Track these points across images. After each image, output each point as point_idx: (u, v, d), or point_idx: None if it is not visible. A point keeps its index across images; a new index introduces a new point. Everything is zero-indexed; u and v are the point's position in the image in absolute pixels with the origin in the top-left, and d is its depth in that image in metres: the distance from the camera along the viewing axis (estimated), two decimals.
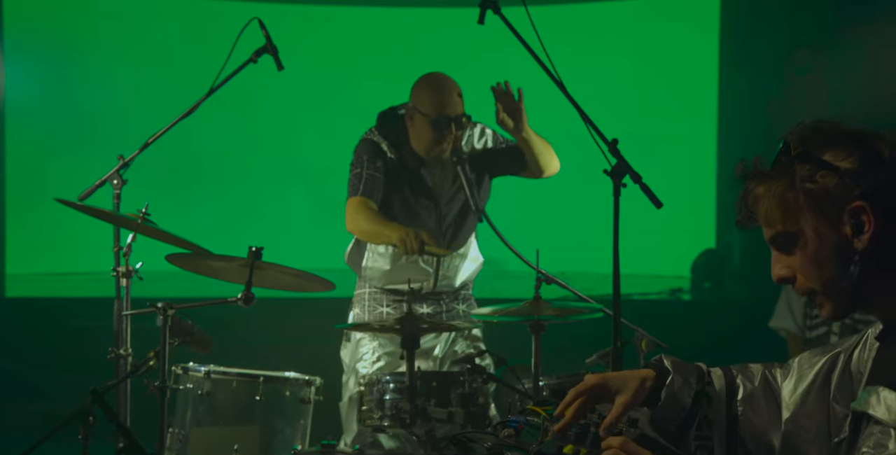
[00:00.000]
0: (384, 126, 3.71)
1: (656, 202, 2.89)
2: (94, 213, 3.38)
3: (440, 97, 3.58)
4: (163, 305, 3.12)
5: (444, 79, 3.65)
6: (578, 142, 3.19)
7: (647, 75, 9.26)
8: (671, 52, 9.23)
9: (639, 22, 9.44)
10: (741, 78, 8.29)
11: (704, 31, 8.92)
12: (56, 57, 8.97)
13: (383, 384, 3.28)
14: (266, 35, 3.56)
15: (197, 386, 3.42)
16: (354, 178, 3.63)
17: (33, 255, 8.89)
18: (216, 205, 9.25)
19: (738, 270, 8.47)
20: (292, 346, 5.20)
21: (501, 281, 5.03)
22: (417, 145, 3.67)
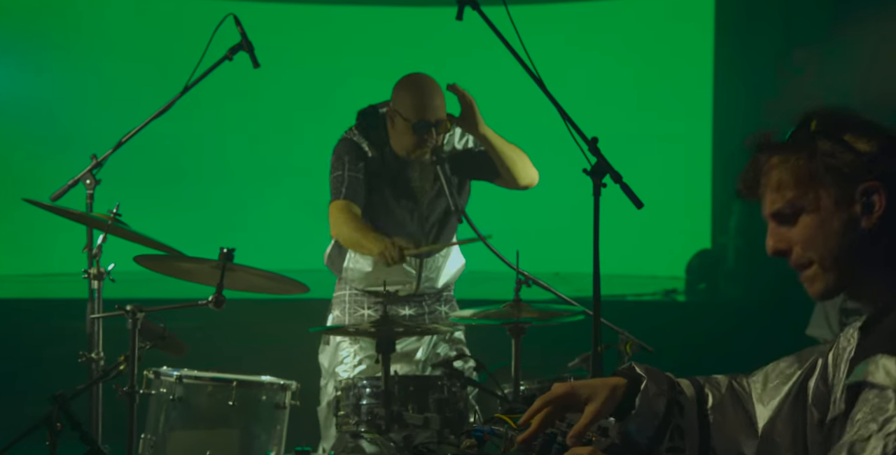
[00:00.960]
0: (364, 125, 3.64)
1: (637, 202, 2.82)
2: (65, 213, 3.31)
3: (421, 101, 3.51)
4: (132, 308, 3.04)
5: (426, 81, 3.58)
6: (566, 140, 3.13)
7: (641, 74, 9.22)
8: (666, 51, 9.20)
9: (633, 20, 9.40)
10: (736, 77, 8.27)
11: (699, 29, 8.89)
12: (33, 56, 8.92)
13: (359, 389, 3.20)
14: (241, 32, 3.49)
15: (169, 391, 3.34)
16: (336, 181, 3.57)
17: (16, 257, 8.84)
18: (192, 205, 9.21)
19: (734, 271, 8.43)
20: (268, 349, 5.12)
21: (485, 283, 4.95)
22: (397, 147, 3.60)
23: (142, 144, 3.72)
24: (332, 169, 3.60)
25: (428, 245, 3.59)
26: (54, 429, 2.97)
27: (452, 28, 3.27)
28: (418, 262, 3.64)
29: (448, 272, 3.76)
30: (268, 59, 3.62)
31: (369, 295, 3.67)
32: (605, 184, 2.84)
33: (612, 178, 2.84)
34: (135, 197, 5.26)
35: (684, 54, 9.10)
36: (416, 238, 3.61)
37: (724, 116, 8.53)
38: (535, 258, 3.72)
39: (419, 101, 3.50)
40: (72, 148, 7.73)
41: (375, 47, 9.18)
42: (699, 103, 8.86)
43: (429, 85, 3.55)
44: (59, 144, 8.55)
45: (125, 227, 3.24)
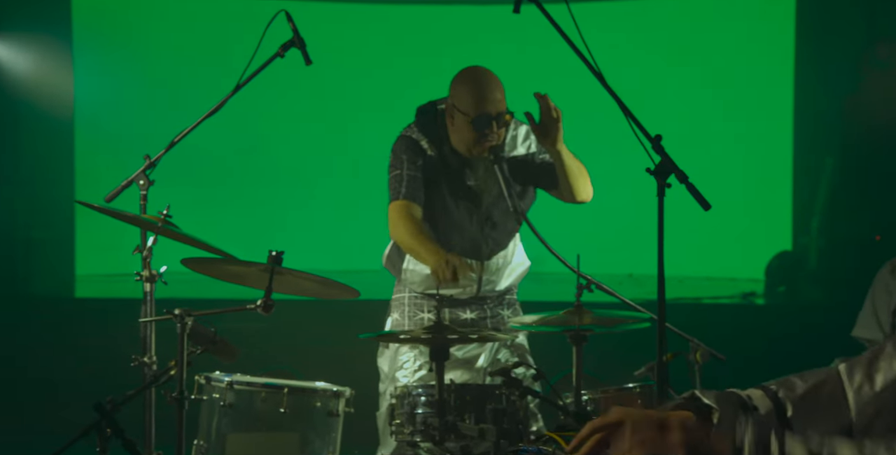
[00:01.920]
0: (423, 123, 3.53)
1: (704, 203, 2.66)
2: (117, 215, 3.25)
3: (480, 94, 3.38)
4: (180, 312, 2.98)
5: (485, 73, 3.45)
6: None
7: (720, 73, 9.03)
8: (745, 49, 9.03)
9: (711, 18, 9.20)
10: (817, 73, 8.07)
11: (779, 25, 8.69)
12: (123, 59, 9.06)
13: (414, 397, 3.09)
14: (293, 28, 3.40)
15: (220, 396, 3.27)
16: (395, 180, 3.46)
17: (103, 256, 8.96)
18: (243, 205, 9.23)
19: (815, 273, 8.20)
20: (324, 352, 5.04)
21: (552, 284, 4.81)
22: (458, 144, 3.48)
23: (195, 144, 3.66)
24: (390, 167, 3.50)
25: (480, 268, 3.45)
26: (104, 434, 2.92)
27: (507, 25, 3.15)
28: (479, 265, 3.51)
29: (511, 274, 3.62)
30: (319, 57, 3.54)
31: (429, 297, 3.55)
32: (669, 184, 2.70)
33: (677, 177, 2.69)
34: (187, 197, 5.26)
35: (764, 52, 8.91)
36: (475, 239, 3.49)
37: (804, 115, 8.32)
38: (607, 259, 3.58)
39: (478, 95, 3.38)
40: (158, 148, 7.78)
41: (428, 45, 9.12)
42: (779, 102, 8.66)
43: (487, 77, 3.43)
44: (145, 145, 8.61)
45: (175, 229, 3.18)
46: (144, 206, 3.45)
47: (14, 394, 6.23)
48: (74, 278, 8.48)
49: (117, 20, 9.11)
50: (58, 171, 8.24)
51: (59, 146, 8.26)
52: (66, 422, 5.69)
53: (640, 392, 3.24)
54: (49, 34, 7.96)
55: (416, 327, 3.50)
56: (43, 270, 8.21)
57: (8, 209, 7.92)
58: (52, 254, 8.23)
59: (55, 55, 7.99)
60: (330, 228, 9.08)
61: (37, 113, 7.91)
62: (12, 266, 8.02)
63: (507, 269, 3.60)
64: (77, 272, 8.49)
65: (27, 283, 8.09)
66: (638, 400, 3.21)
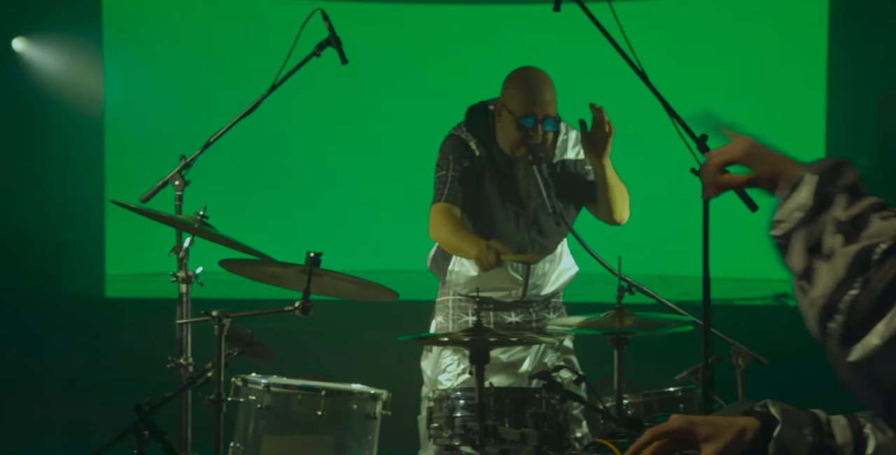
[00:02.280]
0: (473, 122, 3.50)
1: (751, 205, 2.60)
2: (153, 215, 3.24)
3: (529, 94, 3.35)
4: (218, 314, 2.95)
5: (536, 74, 3.42)
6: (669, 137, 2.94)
7: (751, 72, 8.95)
8: (778, 48, 8.95)
9: (743, 16, 9.11)
10: (850, 73, 7.97)
11: (812, 25, 8.59)
12: (152, 60, 9.06)
13: (453, 400, 3.05)
14: (329, 27, 3.37)
15: (257, 399, 3.24)
16: (439, 182, 3.43)
17: (133, 256, 8.98)
18: (280, 205, 9.20)
19: None
20: (363, 354, 5.00)
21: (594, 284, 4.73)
22: (503, 143, 3.44)
23: (230, 144, 3.64)
24: (437, 167, 3.47)
25: (526, 256, 3.41)
26: (142, 437, 2.91)
27: (541, 25, 3.10)
28: (525, 268, 3.47)
29: (558, 279, 3.58)
30: (353, 56, 3.50)
31: (474, 300, 3.50)
32: None
33: None
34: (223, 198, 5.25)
35: (796, 50, 8.84)
36: (521, 242, 3.46)
37: (838, 114, 8.22)
38: (636, 260, 3.53)
39: (526, 95, 3.35)
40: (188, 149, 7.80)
41: (463, 45, 9.07)
42: (811, 101, 8.57)
43: (538, 78, 3.40)
44: (175, 145, 8.61)
45: (212, 230, 3.15)
46: (180, 206, 3.43)
47: (42, 393, 6.25)
48: (104, 278, 8.49)
49: (147, 20, 9.12)
50: (88, 171, 8.27)
51: (89, 146, 8.29)
52: (97, 422, 5.77)
53: (681, 396, 3.18)
54: (79, 35, 7.99)
55: (460, 330, 3.46)
56: (74, 270, 8.24)
57: (40, 211, 7.96)
58: (82, 254, 8.26)
59: (85, 56, 8.02)
60: (366, 229, 9.06)
61: (67, 113, 7.95)
62: (44, 266, 8.05)
63: (553, 274, 3.56)
64: (107, 272, 8.50)
65: (58, 284, 8.12)
66: (680, 404, 3.15)
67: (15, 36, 7.71)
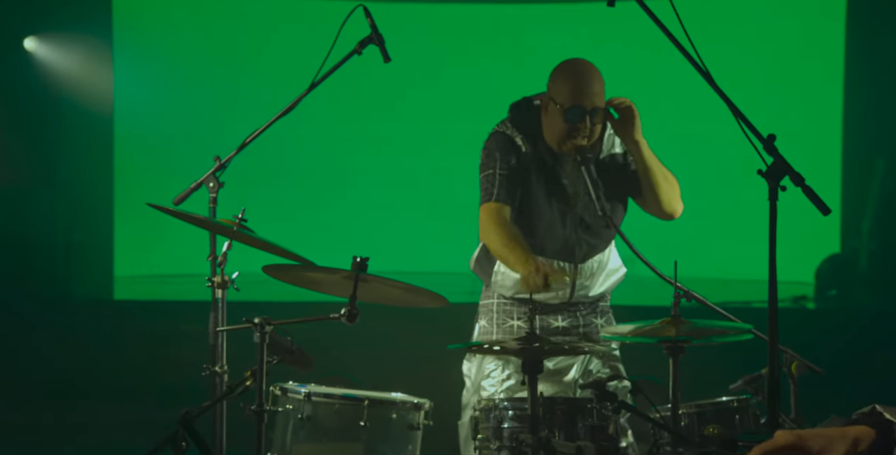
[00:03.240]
0: (518, 118, 3.40)
1: (823, 208, 2.53)
2: (189, 218, 3.14)
3: (577, 86, 3.26)
4: (260, 321, 2.85)
5: (585, 65, 3.33)
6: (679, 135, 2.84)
7: (765, 68, 8.87)
8: (793, 44, 8.89)
9: (760, 14, 9.03)
10: (868, 72, 7.89)
11: (829, 23, 8.50)
12: (162, 60, 8.99)
13: (501, 410, 2.95)
14: (371, 24, 3.27)
15: (297, 408, 3.13)
16: (486, 180, 3.32)
17: (142, 257, 8.91)
18: (318, 207, 9.11)
19: (867, 277, 8.05)
20: (402, 359, 4.89)
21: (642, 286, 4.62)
22: (549, 137, 3.35)
23: (267, 145, 3.54)
24: (482, 167, 3.36)
25: (579, 273, 3.32)
26: (179, 448, 2.81)
27: (591, 23, 3.01)
28: (573, 268, 3.36)
29: (606, 280, 3.47)
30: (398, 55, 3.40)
31: (519, 304, 3.39)
32: (784, 187, 2.56)
33: (792, 180, 2.56)
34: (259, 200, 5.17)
35: (813, 47, 8.74)
36: (568, 241, 3.35)
37: (855, 114, 8.15)
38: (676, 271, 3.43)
39: (574, 86, 3.26)
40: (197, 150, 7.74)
41: (500, 45, 8.97)
42: (828, 99, 8.51)
43: (587, 69, 3.32)
44: (184, 146, 8.58)
45: (251, 234, 3.05)
46: (214, 209, 3.33)
47: (52, 394, 6.17)
48: (113, 280, 8.42)
49: (157, 20, 9.06)
50: (97, 172, 8.24)
51: (98, 147, 8.26)
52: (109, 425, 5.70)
53: (736, 407, 3.08)
54: (90, 34, 7.96)
55: (506, 335, 3.36)
56: (82, 272, 8.18)
57: (48, 211, 7.89)
58: (91, 256, 8.20)
59: (96, 55, 7.98)
60: (401, 230, 8.97)
61: (77, 113, 7.91)
62: (52, 268, 7.98)
63: (601, 275, 3.45)
64: (116, 274, 8.43)
65: (67, 285, 8.06)
66: (735, 415, 3.05)
67: (26, 35, 7.66)
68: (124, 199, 8.45)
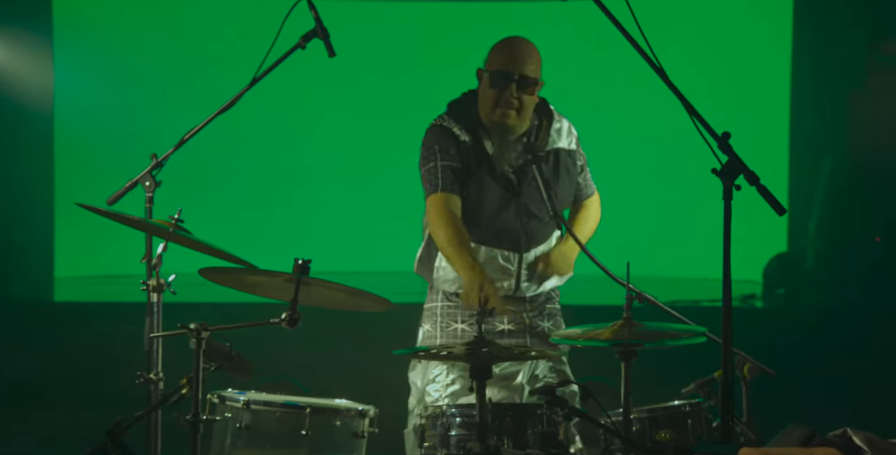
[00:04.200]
0: (456, 109, 3.38)
1: (778, 208, 2.48)
2: (123, 219, 3.01)
3: (508, 54, 3.30)
4: (196, 327, 2.73)
5: (521, 40, 3.38)
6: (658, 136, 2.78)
7: (711, 66, 8.89)
8: (738, 41, 8.85)
9: (703, 8, 9.04)
10: (816, 70, 7.89)
11: (775, 18, 8.47)
12: (104, 57, 8.84)
13: (448, 417, 2.86)
14: (316, 17, 3.16)
15: (235, 417, 3.02)
16: (429, 173, 3.29)
17: (83, 258, 8.73)
18: (260, 207, 8.96)
19: (814, 276, 8.10)
20: (345, 362, 4.76)
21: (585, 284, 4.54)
22: (482, 112, 3.33)
23: (206, 143, 3.42)
24: (422, 161, 3.32)
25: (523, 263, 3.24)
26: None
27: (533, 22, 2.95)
28: (517, 257, 3.29)
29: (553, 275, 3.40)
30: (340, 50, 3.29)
31: (462, 308, 3.29)
32: (738, 186, 2.50)
33: (746, 179, 2.51)
34: (197, 199, 5.04)
35: (759, 44, 8.73)
36: (513, 230, 3.30)
37: (802, 112, 8.19)
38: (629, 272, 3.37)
39: (504, 53, 3.30)
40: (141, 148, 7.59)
41: (448, 43, 8.87)
42: (775, 98, 8.53)
43: (522, 42, 3.35)
44: (127, 144, 8.41)
45: (188, 236, 2.93)
46: (150, 209, 3.20)
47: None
48: (53, 281, 8.24)
49: (101, 14, 8.88)
50: (37, 170, 8.05)
51: (38, 145, 8.05)
52: (44, 432, 5.54)
53: (689, 411, 3.02)
54: (28, 29, 7.74)
55: (450, 339, 3.29)
56: (21, 273, 7.98)
57: None
58: (30, 256, 8.01)
59: (34, 51, 7.78)
60: (348, 229, 8.85)
61: (16, 111, 7.72)
62: None
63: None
64: (56, 275, 8.24)
65: (4, 286, 7.85)
66: (688, 420, 2.99)
67: None
68: (65, 199, 8.26)
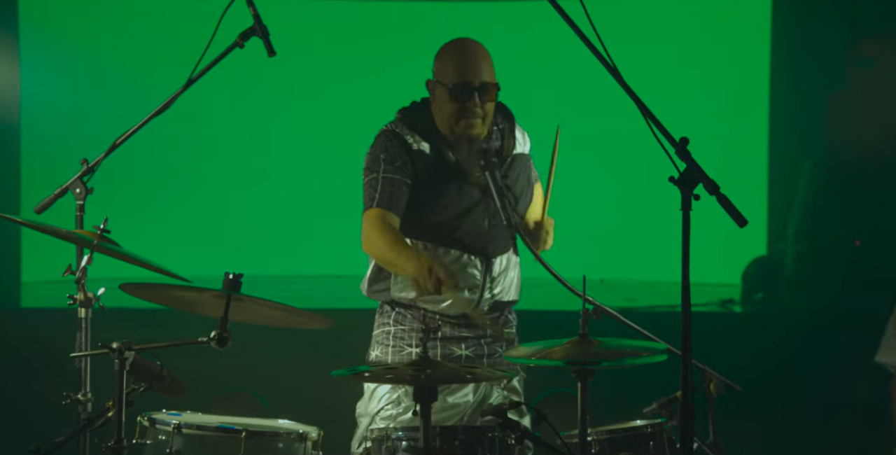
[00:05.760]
0: (408, 116, 3.18)
1: (739, 219, 2.33)
2: (46, 230, 2.83)
3: (461, 62, 3.09)
4: (118, 346, 2.54)
5: (470, 43, 3.17)
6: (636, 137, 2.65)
7: (689, 67, 8.79)
8: (716, 43, 8.77)
9: (681, 11, 8.94)
10: (795, 72, 7.80)
11: (754, 19, 8.37)
12: (71, 61, 8.63)
13: (394, 441, 2.69)
14: (255, 14, 3.00)
15: (167, 441, 2.83)
16: (369, 186, 3.08)
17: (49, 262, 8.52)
18: (196, 215, 8.77)
19: (793, 280, 8.03)
20: (288, 382, 4.54)
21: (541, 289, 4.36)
22: (442, 125, 3.14)
23: (140, 147, 3.25)
24: (365, 170, 3.12)
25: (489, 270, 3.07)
26: None
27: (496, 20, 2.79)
28: (484, 263, 3.11)
29: (514, 283, 3.22)
30: (282, 49, 3.12)
31: (416, 330, 3.08)
32: (697, 196, 2.35)
33: (705, 188, 2.35)
34: (131, 207, 4.86)
35: (737, 46, 8.63)
36: (482, 237, 3.12)
37: (782, 114, 8.12)
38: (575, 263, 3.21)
39: (459, 63, 3.10)
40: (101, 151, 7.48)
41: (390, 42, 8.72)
42: (754, 99, 8.47)
43: (472, 46, 3.15)
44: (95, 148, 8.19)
45: (114, 247, 2.75)
46: (81, 218, 3.03)
47: None
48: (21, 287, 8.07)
49: (70, 13, 8.69)
50: (2, 173, 7.85)
51: (3, 148, 7.89)
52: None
53: (651, 432, 2.85)
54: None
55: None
56: None
57: None
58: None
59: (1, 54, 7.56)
60: (294, 232, 8.68)
61: None
62: None
63: (512, 273, 3.21)
64: (23, 280, 8.07)
65: None
66: (650, 441, 2.82)
67: None
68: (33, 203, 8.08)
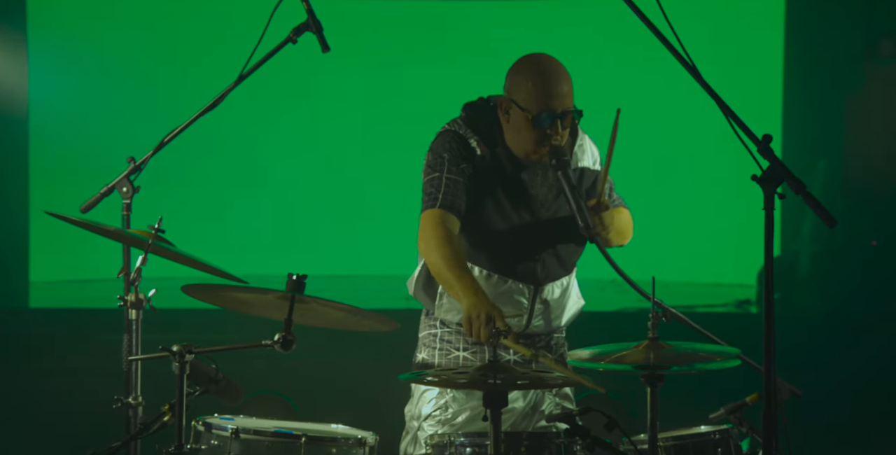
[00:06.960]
0: (473, 117, 3.01)
1: (828, 219, 2.26)
2: (97, 229, 2.76)
3: (544, 87, 2.89)
4: (179, 349, 2.47)
5: (550, 62, 2.95)
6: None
7: (702, 67, 8.67)
8: (729, 42, 8.70)
9: (694, 12, 8.89)
10: (810, 71, 7.71)
11: (767, 18, 8.32)
12: (81, 57, 8.55)
13: (457, 447, 2.61)
14: (308, 9, 2.93)
15: (223, 446, 2.76)
16: (430, 185, 2.92)
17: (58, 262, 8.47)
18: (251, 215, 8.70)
19: (808, 280, 7.98)
20: (345, 387, 4.47)
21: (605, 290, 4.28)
22: (514, 146, 2.97)
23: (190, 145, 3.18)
24: (426, 170, 2.97)
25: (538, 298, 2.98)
26: None
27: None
28: (531, 292, 2.99)
29: (567, 312, 3.11)
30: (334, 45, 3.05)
31: (464, 334, 2.94)
32: (782, 195, 2.28)
33: (791, 187, 2.28)
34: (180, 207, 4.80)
35: (751, 45, 8.59)
36: (530, 264, 2.99)
37: (796, 115, 8.07)
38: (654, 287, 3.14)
39: (541, 87, 2.88)
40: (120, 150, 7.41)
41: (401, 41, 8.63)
42: (768, 100, 8.39)
43: (553, 67, 2.94)
44: (106, 145, 8.18)
45: (170, 247, 2.68)
46: (128, 217, 2.95)
47: None
48: (29, 286, 8.01)
49: (77, 11, 8.61)
50: (10, 173, 7.80)
51: (11, 147, 7.81)
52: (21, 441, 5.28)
53: (719, 439, 2.78)
54: (1, 25, 7.46)
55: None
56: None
57: None
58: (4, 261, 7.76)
59: (7, 48, 7.51)
60: (347, 232, 8.61)
61: None
62: None
63: (565, 302, 3.09)
64: (31, 279, 8.01)
65: None
66: (718, 448, 2.75)
67: None
68: (42, 203, 8.03)
